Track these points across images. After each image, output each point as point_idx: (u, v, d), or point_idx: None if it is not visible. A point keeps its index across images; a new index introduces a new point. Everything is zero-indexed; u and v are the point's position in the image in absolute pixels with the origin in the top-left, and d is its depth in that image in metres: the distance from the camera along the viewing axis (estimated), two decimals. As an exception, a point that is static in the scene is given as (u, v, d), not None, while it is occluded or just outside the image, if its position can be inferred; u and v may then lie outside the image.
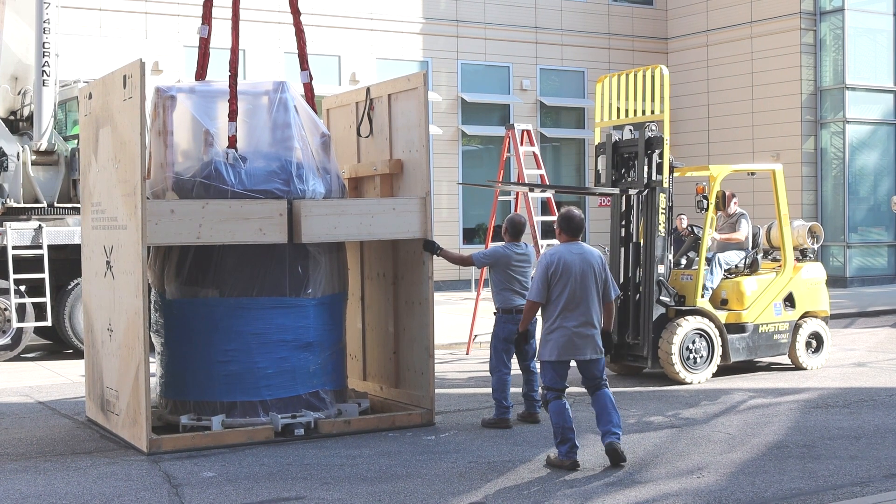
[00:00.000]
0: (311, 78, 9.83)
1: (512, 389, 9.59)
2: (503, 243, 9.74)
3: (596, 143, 12.47)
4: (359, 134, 10.36)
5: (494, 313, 9.70)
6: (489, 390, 11.17)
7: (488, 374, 9.82)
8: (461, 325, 15.96)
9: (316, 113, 9.55)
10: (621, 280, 12.03)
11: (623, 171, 12.09)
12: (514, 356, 9.70)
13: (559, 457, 7.88)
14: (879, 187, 25.89)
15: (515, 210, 14.62)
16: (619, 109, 12.40)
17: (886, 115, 25.86)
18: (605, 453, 7.90)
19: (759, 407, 10.33)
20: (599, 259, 8.06)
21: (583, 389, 8.09)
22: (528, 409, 9.74)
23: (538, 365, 8.49)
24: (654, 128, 11.69)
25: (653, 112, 11.97)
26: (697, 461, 8.07)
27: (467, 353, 14.47)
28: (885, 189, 25.81)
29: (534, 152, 14.64)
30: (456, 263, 10.15)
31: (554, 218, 14.67)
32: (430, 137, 9.59)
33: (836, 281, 24.56)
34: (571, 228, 8.08)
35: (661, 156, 11.60)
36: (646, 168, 11.68)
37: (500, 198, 15.10)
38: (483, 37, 25.81)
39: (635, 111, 12.21)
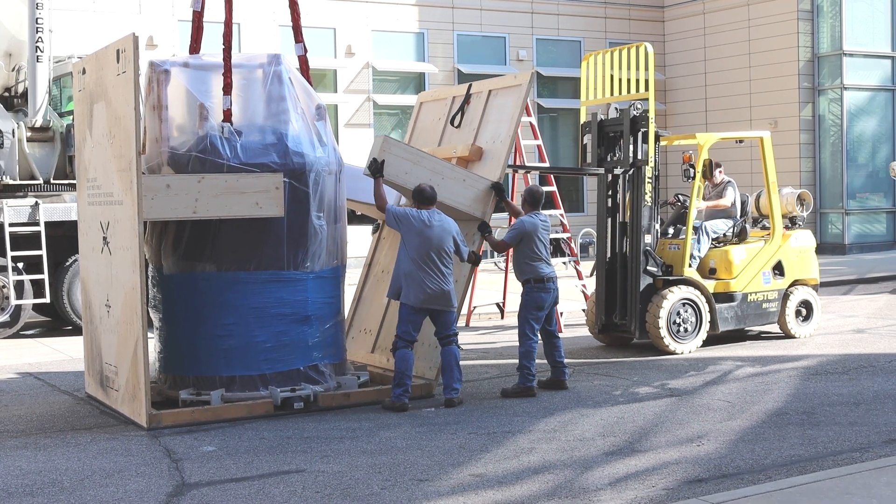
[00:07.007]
0: (305, 50, 9.79)
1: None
2: (525, 215, 9.77)
3: (581, 122, 12.36)
4: (452, 124, 10.74)
5: (524, 283, 9.69)
6: (490, 361, 11.18)
7: (489, 344, 9.84)
8: (460, 296, 15.98)
9: (311, 85, 9.50)
10: (608, 252, 11.95)
11: (608, 150, 11.98)
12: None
13: (391, 399, 8.85)
14: (878, 154, 25.82)
15: (513, 181, 14.57)
16: (604, 88, 12.29)
17: (884, 80, 25.74)
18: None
19: (758, 375, 10.34)
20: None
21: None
22: (556, 375, 9.76)
23: None
24: (639, 106, 11.61)
25: (638, 90, 11.86)
26: (697, 429, 8.08)
27: (467, 325, 14.46)
28: (884, 155, 25.74)
29: (531, 122, 14.58)
30: (492, 248, 10.30)
31: (552, 188, 14.69)
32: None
33: (834, 248, 24.56)
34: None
35: (645, 136, 11.52)
36: (631, 147, 11.61)
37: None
38: (479, 7, 25.65)
39: (620, 90, 12.09)
